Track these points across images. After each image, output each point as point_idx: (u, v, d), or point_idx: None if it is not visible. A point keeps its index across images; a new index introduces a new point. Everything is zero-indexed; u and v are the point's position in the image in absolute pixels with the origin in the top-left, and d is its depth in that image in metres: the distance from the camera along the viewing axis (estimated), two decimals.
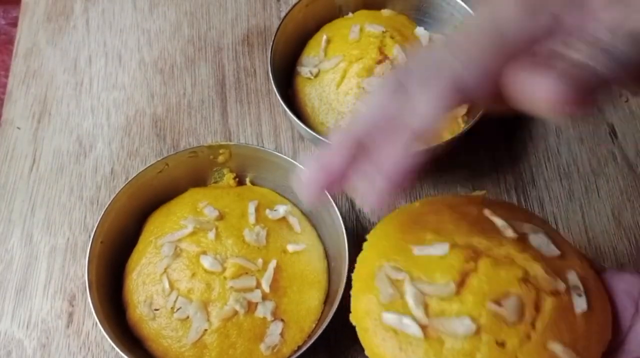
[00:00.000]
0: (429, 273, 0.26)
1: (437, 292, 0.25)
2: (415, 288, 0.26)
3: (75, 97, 0.58)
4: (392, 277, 0.27)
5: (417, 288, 0.26)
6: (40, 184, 0.53)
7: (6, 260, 0.49)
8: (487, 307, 0.25)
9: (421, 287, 0.26)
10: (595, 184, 0.54)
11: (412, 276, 0.26)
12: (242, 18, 0.63)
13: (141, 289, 0.43)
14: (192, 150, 0.47)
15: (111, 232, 0.44)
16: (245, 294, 0.41)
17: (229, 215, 0.45)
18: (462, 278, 0.26)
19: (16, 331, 0.46)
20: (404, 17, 0.57)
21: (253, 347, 0.41)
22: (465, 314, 0.25)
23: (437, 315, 0.25)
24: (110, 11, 0.63)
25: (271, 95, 0.58)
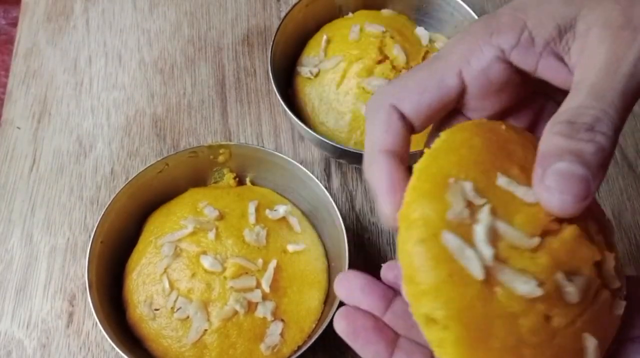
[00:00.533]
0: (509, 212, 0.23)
1: (515, 238, 0.23)
2: (493, 223, 0.23)
3: (75, 97, 0.58)
4: (469, 197, 0.23)
5: (495, 224, 0.23)
6: (40, 184, 0.53)
7: (6, 260, 0.49)
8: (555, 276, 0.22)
9: (498, 224, 0.23)
10: None
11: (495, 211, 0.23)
12: (242, 18, 0.63)
13: (141, 289, 0.43)
14: (192, 150, 0.47)
15: (111, 232, 0.44)
16: (245, 294, 0.41)
17: (229, 215, 0.45)
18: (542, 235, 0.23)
19: (16, 331, 0.46)
20: (404, 17, 0.57)
21: (253, 347, 0.41)
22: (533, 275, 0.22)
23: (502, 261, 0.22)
24: (110, 11, 0.63)
25: (271, 95, 0.58)
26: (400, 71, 0.51)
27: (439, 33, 0.57)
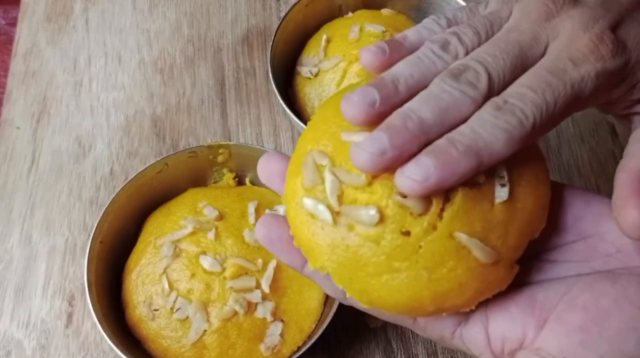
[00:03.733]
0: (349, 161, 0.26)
1: (351, 181, 0.26)
2: (333, 176, 0.26)
3: (75, 97, 0.58)
4: (317, 162, 0.27)
5: (335, 176, 0.26)
6: (40, 184, 0.53)
7: (5, 260, 0.49)
8: (394, 198, 0.25)
9: (340, 175, 0.26)
10: (595, 184, 0.54)
11: (334, 162, 0.27)
12: (242, 18, 0.63)
13: (141, 289, 0.43)
14: (192, 150, 0.47)
15: (110, 232, 0.44)
16: (245, 294, 0.41)
17: (229, 215, 0.45)
18: None
19: (15, 331, 0.46)
20: (404, 16, 0.57)
21: (253, 347, 0.41)
22: (373, 204, 0.26)
23: (349, 203, 0.26)
24: (110, 11, 0.63)
25: (271, 95, 0.58)
26: None
27: None
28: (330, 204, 0.26)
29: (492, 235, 0.26)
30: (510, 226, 0.26)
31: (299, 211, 0.27)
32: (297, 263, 0.29)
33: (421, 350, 0.46)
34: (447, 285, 0.25)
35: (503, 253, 0.26)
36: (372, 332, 0.47)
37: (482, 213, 0.26)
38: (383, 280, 0.26)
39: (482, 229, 0.26)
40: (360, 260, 0.26)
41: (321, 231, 0.26)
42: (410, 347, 0.46)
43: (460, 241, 0.25)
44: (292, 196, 0.28)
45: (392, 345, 0.46)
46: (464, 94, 0.25)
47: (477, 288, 0.26)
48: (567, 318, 0.25)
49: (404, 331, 0.47)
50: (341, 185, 0.26)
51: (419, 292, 0.25)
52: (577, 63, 0.25)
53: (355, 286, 0.26)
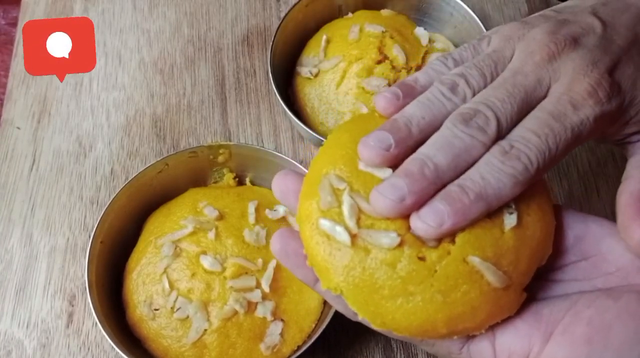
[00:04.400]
0: (367, 190, 0.27)
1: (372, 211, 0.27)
2: (352, 200, 0.27)
3: (75, 97, 0.58)
4: (335, 185, 0.28)
5: (354, 201, 0.27)
6: (40, 184, 0.53)
7: (6, 260, 0.49)
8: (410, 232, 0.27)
9: (358, 201, 0.27)
10: (594, 184, 0.54)
11: (352, 188, 0.28)
12: (242, 18, 0.63)
13: (141, 289, 0.43)
14: (192, 150, 0.47)
15: (111, 232, 0.44)
16: (245, 294, 0.41)
17: (229, 215, 0.45)
18: None
19: (16, 331, 0.46)
20: (404, 17, 0.57)
21: (253, 347, 0.41)
22: (393, 230, 0.27)
23: (367, 227, 0.27)
24: (110, 11, 0.63)
25: (271, 95, 0.58)
26: (400, 71, 0.51)
27: (439, 33, 0.57)
28: (348, 226, 0.27)
29: (503, 261, 0.27)
30: (521, 252, 0.27)
31: (315, 232, 0.28)
32: (310, 279, 0.29)
33: (421, 350, 0.46)
34: (461, 308, 0.26)
35: (514, 278, 0.27)
36: (372, 332, 0.47)
37: (494, 240, 0.27)
38: (398, 303, 0.26)
39: (493, 254, 0.27)
40: (376, 283, 0.26)
41: (337, 252, 0.27)
42: (410, 347, 0.46)
43: (473, 265, 0.26)
44: (307, 217, 0.28)
45: (391, 345, 0.46)
46: (475, 138, 0.26)
47: (489, 312, 0.27)
48: (572, 331, 0.26)
49: None
50: (359, 210, 0.27)
51: (433, 315, 0.26)
52: (577, 107, 0.27)
53: (369, 308, 0.27)
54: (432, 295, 0.26)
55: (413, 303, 0.26)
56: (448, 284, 0.26)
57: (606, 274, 0.28)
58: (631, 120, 0.29)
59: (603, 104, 0.27)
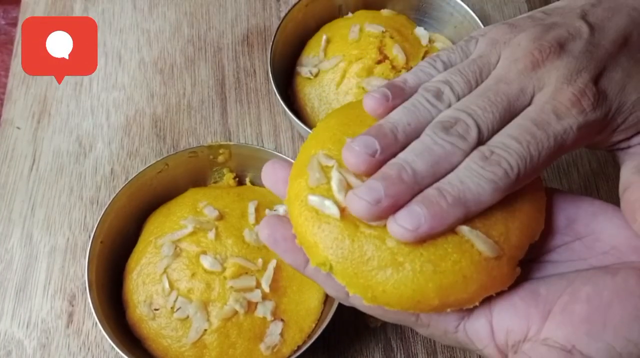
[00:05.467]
0: None
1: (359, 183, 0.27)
2: (341, 175, 0.27)
3: (75, 97, 0.58)
4: (323, 163, 0.28)
5: (342, 176, 0.27)
6: (40, 184, 0.53)
7: (6, 260, 0.49)
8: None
9: (347, 176, 0.27)
10: (595, 184, 0.54)
11: (340, 164, 0.28)
12: (242, 18, 0.63)
13: (141, 289, 0.43)
14: (192, 150, 0.47)
15: (111, 232, 0.44)
16: (245, 294, 0.41)
17: (229, 215, 0.45)
18: None
19: (16, 331, 0.46)
20: (404, 17, 0.57)
21: (253, 347, 0.41)
22: None
23: None
24: (110, 11, 0.63)
25: (271, 95, 0.58)
26: (400, 71, 0.51)
27: (439, 33, 0.57)
28: (337, 200, 0.27)
29: (493, 231, 0.27)
30: (510, 224, 0.27)
31: (303, 208, 0.28)
32: (300, 263, 0.29)
33: (421, 349, 0.46)
34: (451, 277, 0.26)
35: (505, 249, 0.27)
36: (372, 332, 0.47)
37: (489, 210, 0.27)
38: (388, 274, 0.26)
39: (482, 225, 0.27)
40: (365, 255, 0.26)
41: (326, 226, 0.27)
42: (410, 347, 0.46)
43: (462, 235, 0.26)
44: (296, 196, 0.28)
45: (391, 344, 0.46)
46: (455, 146, 0.26)
47: (481, 283, 0.26)
48: (571, 309, 0.26)
49: (404, 331, 0.47)
50: (347, 185, 0.27)
51: (424, 285, 0.26)
52: (561, 116, 0.27)
53: (359, 281, 0.27)
54: (422, 265, 0.26)
55: (403, 273, 0.26)
56: (437, 253, 0.26)
57: (601, 253, 0.28)
58: (618, 127, 0.29)
59: (587, 114, 0.27)
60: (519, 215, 0.27)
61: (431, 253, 0.26)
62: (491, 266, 0.26)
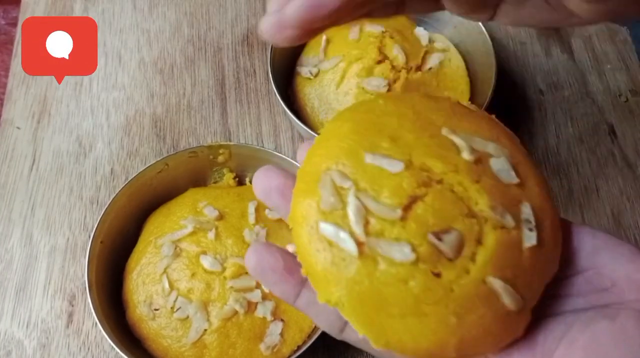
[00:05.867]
0: (376, 188, 0.25)
1: (382, 212, 0.24)
2: (359, 202, 0.24)
3: (75, 97, 0.58)
4: (337, 183, 0.25)
5: (361, 202, 0.24)
6: (40, 184, 0.53)
7: (6, 260, 0.49)
8: (427, 239, 0.24)
9: (366, 202, 0.24)
10: (594, 184, 0.54)
11: (358, 186, 0.25)
12: (242, 18, 0.63)
13: (141, 289, 0.43)
14: (192, 150, 0.47)
15: (111, 232, 0.44)
16: (245, 294, 0.41)
17: (229, 215, 0.45)
18: (409, 202, 0.25)
19: (16, 331, 0.46)
20: (404, 17, 0.57)
21: (253, 347, 0.41)
22: (405, 241, 0.24)
23: (376, 234, 0.24)
24: (110, 11, 0.63)
25: (271, 95, 0.58)
26: (400, 71, 0.51)
27: (439, 33, 0.57)
28: (355, 233, 0.24)
29: (519, 282, 0.25)
30: (535, 272, 0.25)
31: (314, 237, 0.25)
32: (290, 295, 0.27)
33: None
34: (474, 332, 0.24)
35: (527, 300, 0.25)
36: None
37: (513, 259, 0.25)
38: (408, 323, 0.24)
39: (512, 275, 0.25)
40: (386, 300, 0.24)
41: (341, 262, 0.24)
42: None
43: (492, 287, 0.24)
44: (305, 218, 0.25)
45: None
46: None
47: (500, 336, 0.25)
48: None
49: None
50: (367, 213, 0.24)
51: (445, 338, 0.24)
52: None
53: (373, 327, 0.24)
54: (447, 317, 0.24)
55: (425, 324, 0.24)
56: (465, 306, 0.24)
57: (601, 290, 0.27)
58: None
59: None
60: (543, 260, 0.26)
61: (458, 304, 0.24)
62: (511, 319, 0.25)
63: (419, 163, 0.26)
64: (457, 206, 0.25)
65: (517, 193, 0.26)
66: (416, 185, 0.25)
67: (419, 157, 0.26)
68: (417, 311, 0.24)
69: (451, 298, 0.24)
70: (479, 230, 0.25)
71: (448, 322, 0.24)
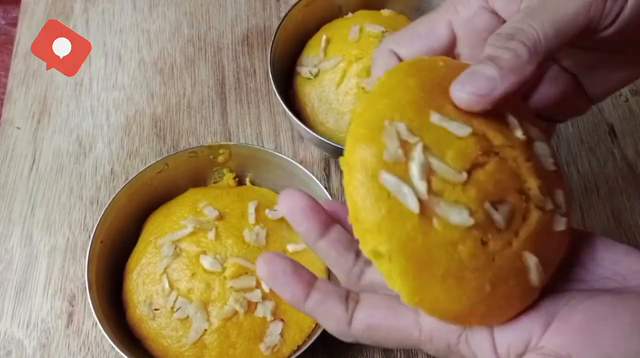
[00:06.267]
0: (441, 148, 0.25)
1: (446, 173, 0.24)
2: (425, 160, 0.24)
3: (75, 97, 0.58)
4: (403, 137, 0.25)
5: (427, 160, 0.24)
6: (40, 184, 0.53)
7: (6, 260, 0.49)
8: (484, 206, 0.24)
9: (431, 161, 0.24)
10: (594, 184, 0.54)
11: (424, 144, 0.25)
12: (242, 18, 0.63)
13: (141, 289, 0.43)
14: (192, 150, 0.47)
15: (111, 232, 0.44)
16: (245, 294, 0.41)
17: (229, 215, 0.45)
18: (471, 168, 0.25)
19: (16, 331, 0.46)
20: (404, 17, 0.57)
21: (253, 347, 0.41)
22: (464, 205, 0.24)
23: (436, 194, 0.24)
24: (110, 11, 0.63)
25: (271, 95, 0.58)
26: None
27: None
28: (418, 190, 0.24)
29: (544, 261, 0.26)
30: (557, 254, 0.27)
31: (373, 184, 0.24)
32: (299, 298, 0.28)
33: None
34: (502, 302, 0.25)
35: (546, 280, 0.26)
36: None
37: (546, 240, 0.26)
38: (448, 285, 0.24)
39: (543, 255, 0.26)
40: (433, 259, 0.24)
41: (399, 216, 0.24)
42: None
43: (527, 261, 0.25)
44: (364, 165, 0.25)
45: None
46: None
47: (518, 309, 0.26)
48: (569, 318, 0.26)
49: None
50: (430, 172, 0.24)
51: (476, 305, 0.25)
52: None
53: (414, 283, 0.24)
54: (483, 285, 0.24)
55: (462, 288, 0.24)
56: (501, 276, 0.24)
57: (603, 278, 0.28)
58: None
59: None
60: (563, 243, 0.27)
61: (495, 274, 0.24)
62: (531, 295, 0.26)
63: (481, 131, 0.26)
64: (513, 180, 0.26)
65: (553, 178, 0.27)
66: (480, 152, 0.25)
67: (480, 126, 0.26)
68: (458, 274, 0.24)
69: (491, 266, 0.24)
70: (526, 207, 0.26)
71: (483, 289, 0.24)
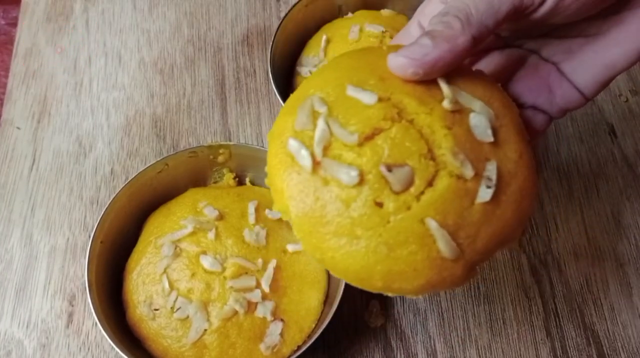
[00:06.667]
0: (347, 116, 0.27)
1: (342, 136, 0.26)
2: (325, 125, 0.26)
3: (75, 97, 0.58)
4: (315, 107, 0.27)
5: (327, 126, 0.26)
6: (40, 184, 0.53)
7: (6, 260, 0.49)
8: (378, 168, 0.26)
9: (332, 127, 0.26)
10: (594, 184, 0.54)
11: (330, 112, 0.27)
12: (242, 18, 0.63)
13: (141, 289, 0.43)
14: (192, 150, 0.47)
15: (111, 232, 0.44)
16: (245, 294, 0.41)
17: (229, 215, 0.45)
18: (372, 133, 0.26)
19: (16, 331, 0.46)
20: (404, 17, 0.57)
21: (253, 347, 0.41)
22: (356, 166, 0.26)
23: (333, 157, 0.26)
24: (110, 11, 0.63)
25: (271, 95, 0.58)
26: None
27: None
28: (314, 152, 0.26)
29: (461, 233, 0.26)
30: (483, 229, 0.26)
31: (281, 150, 0.27)
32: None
33: (421, 349, 0.46)
34: (402, 266, 0.26)
35: (466, 254, 0.26)
36: (372, 332, 0.47)
37: (460, 209, 0.26)
38: (341, 242, 0.26)
39: (453, 223, 0.26)
40: (325, 217, 0.26)
41: (296, 176, 0.26)
42: (410, 347, 0.46)
43: (429, 228, 0.25)
44: (279, 134, 0.28)
45: (391, 344, 0.46)
46: None
47: (429, 279, 0.26)
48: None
49: (404, 331, 0.47)
50: (331, 137, 0.26)
51: (373, 265, 0.26)
52: None
53: (311, 240, 0.26)
54: (377, 245, 0.25)
55: (356, 247, 0.26)
56: (397, 239, 0.25)
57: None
58: None
59: None
60: (496, 221, 0.26)
61: (391, 236, 0.25)
62: (445, 266, 0.26)
63: (396, 100, 0.27)
64: (418, 145, 0.26)
65: (488, 151, 0.27)
66: (382, 118, 0.26)
67: (398, 95, 0.27)
68: (351, 233, 0.25)
69: (385, 228, 0.25)
70: (434, 172, 0.26)
71: (378, 250, 0.25)
